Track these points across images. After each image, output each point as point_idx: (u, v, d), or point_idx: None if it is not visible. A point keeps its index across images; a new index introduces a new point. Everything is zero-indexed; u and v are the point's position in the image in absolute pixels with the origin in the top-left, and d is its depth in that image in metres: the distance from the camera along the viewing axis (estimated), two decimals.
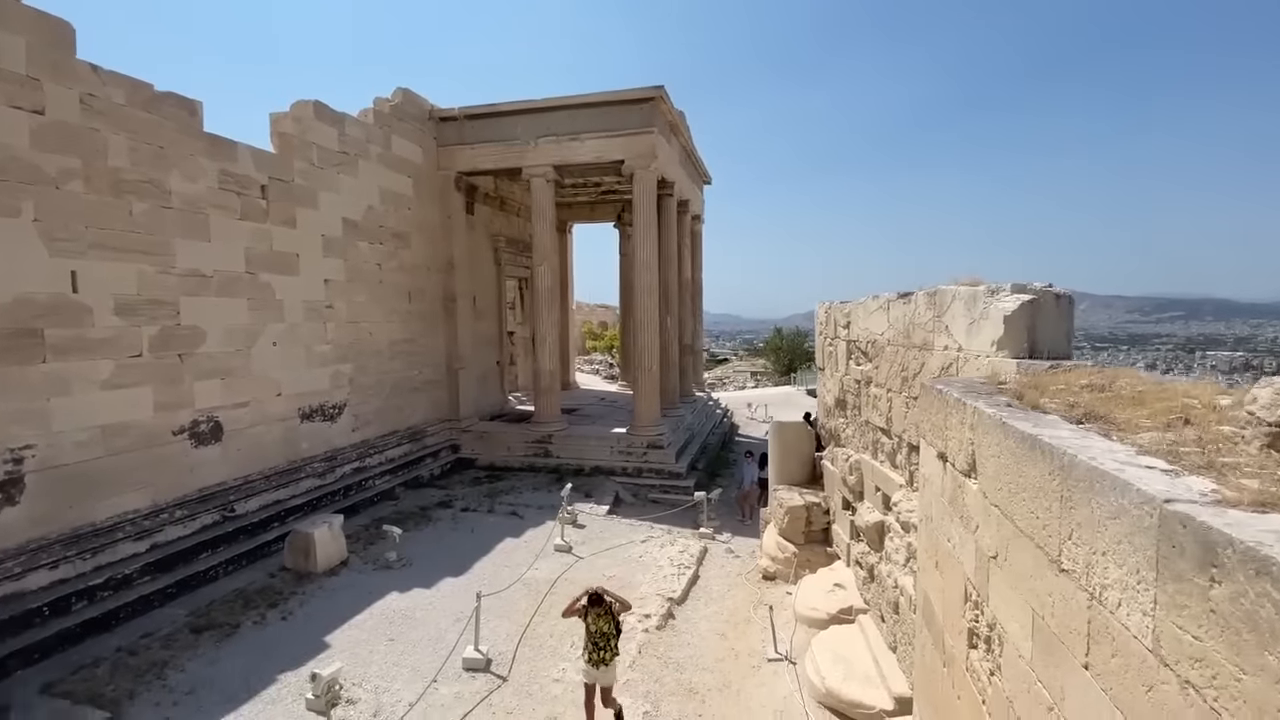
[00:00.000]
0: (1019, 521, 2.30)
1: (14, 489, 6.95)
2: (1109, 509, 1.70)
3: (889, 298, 6.63)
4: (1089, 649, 1.83)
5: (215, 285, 9.42)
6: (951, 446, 3.12)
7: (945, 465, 3.25)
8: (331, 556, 9.00)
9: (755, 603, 8.36)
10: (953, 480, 3.11)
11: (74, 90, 7.44)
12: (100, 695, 5.96)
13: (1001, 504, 2.46)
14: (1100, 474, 1.74)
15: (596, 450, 14.10)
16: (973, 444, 2.80)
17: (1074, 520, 1.90)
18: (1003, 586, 2.48)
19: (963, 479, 2.96)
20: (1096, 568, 1.78)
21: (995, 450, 2.52)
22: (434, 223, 14.75)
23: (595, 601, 5.60)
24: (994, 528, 2.54)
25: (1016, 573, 2.34)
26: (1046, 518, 2.08)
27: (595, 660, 5.50)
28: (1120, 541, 1.65)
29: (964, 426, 2.90)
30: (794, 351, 37.02)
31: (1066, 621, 1.96)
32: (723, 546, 10.61)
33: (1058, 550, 2.02)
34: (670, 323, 16.43)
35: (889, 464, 6.87)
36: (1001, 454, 2.45)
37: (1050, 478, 2.04)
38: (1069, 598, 1.94)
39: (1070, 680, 1.96)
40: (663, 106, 13.86)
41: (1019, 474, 2.29)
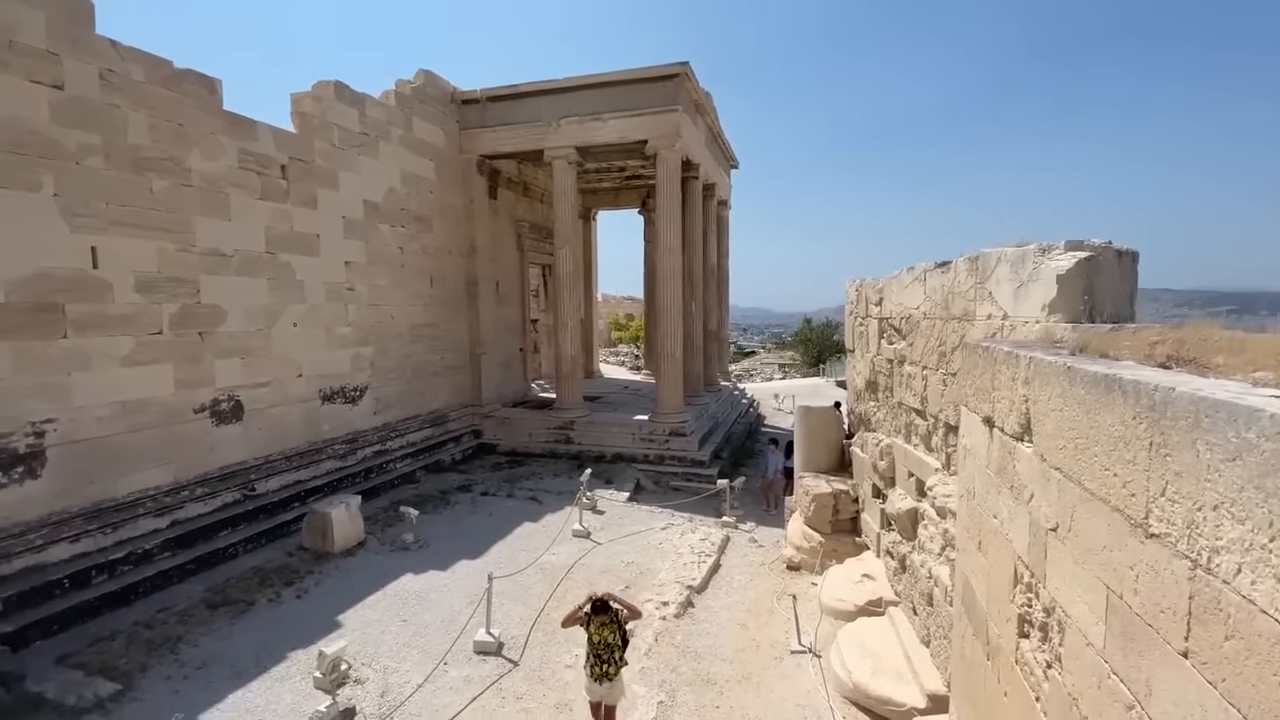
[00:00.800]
0: (1089, 483, 1.94)
1: (36, 462, 6.99)
2: (1225, 449, 1.34)
3: (925, 268, 6.19)
4: (1189, 631, 1.48)
5: (235, 264, 9.40)
6: (1000, 409, 2.75)
7: (992, 431, 2.87)
8: (349, 537, 8.93)
9: (778, 593, 8.01)
10: (1001, 447, 2.74)
11: (93, 66, 7.42)
12: (113, 668, 5.94)
13: (1065, 465, 2.10)
14: (1213, 405, 1.38)
15: (618, 437, 13.85)
16: (1027, 401, 2.43)
17: (1169, 471, 1.54)
18: (1065, 563, 2.12)
19: (1014, 444, 2.59)
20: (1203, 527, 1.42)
21: (1057, 403, 2.16)
22: (456, 206, 14.63)
23: (600, 608, 4.93)
24: (1054, 495, 2.18)
25: (1084, 545, 1.98)
26: (1128, 473, 1.72)
27: (599, 675, 4.88)
28: (1242, 489, 1.30)
29: (1016, 382, 2.53)
30: (823, 343, 36.25)
31: (1156, 599, 1.61)
32: (746, 536, 10.27)
33: (1144, 511, 1.66)
34: (695, 309, 16.06)
35: (923, 447, 6.44)
36: (1065, 406, 2.09)
37: (1135, 422, 1.68)
38: (1161, 568, 1.58)
39: (1160, 672, 1.60)
40: (687, 84, 13.46)
41: (1090, 425, 1.93)
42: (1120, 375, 1.76)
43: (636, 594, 7.82)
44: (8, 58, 6.54)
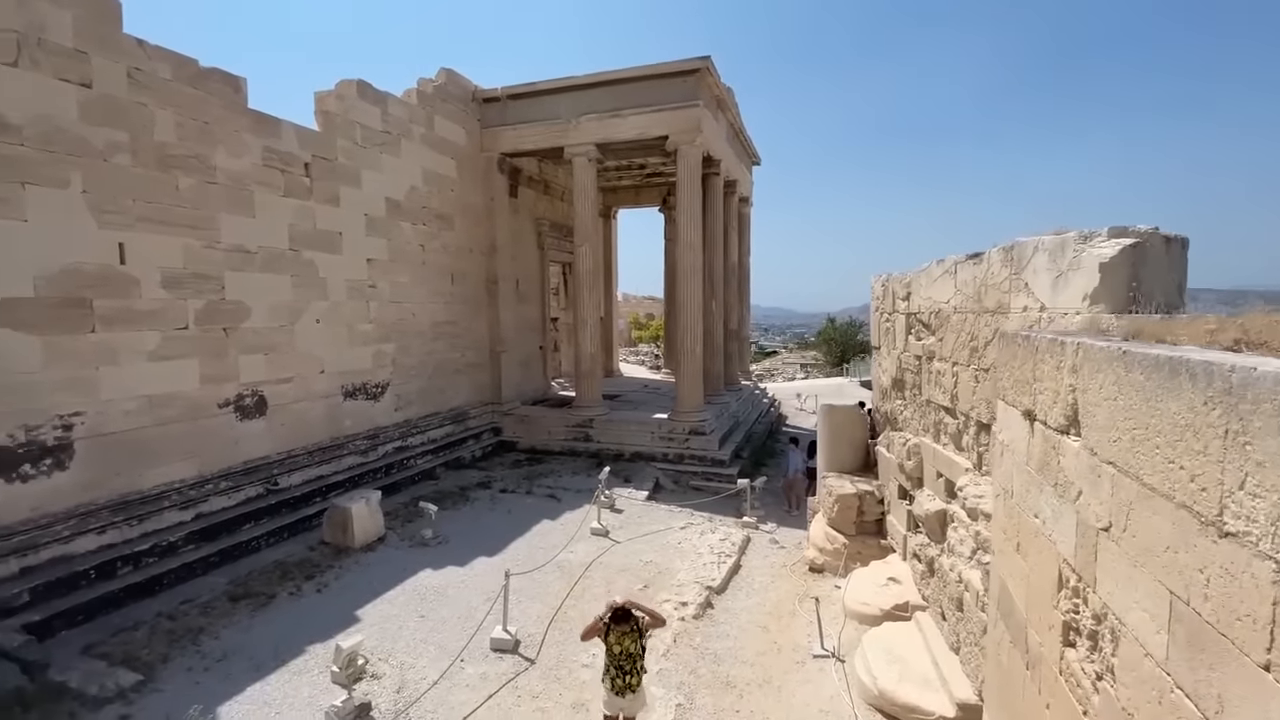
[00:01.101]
0: (1149, 477, 1.77)
1: (64, 454, 7.11)
2: None
3: (956, 260, 5.96)
4: (1273, 642, 1.31)
5: (259, 261, 9.49)
6: (1043, 401, 2.57)
7: (1033, 425, 2.69)
8: (369, 532, 8.95)
9: (800, 595, 7.82)
10: (1044, 442, 2.56)
11: (121, 64, 7.53)
12: (136, 658, 5.99)
13: (1119, 459, 1.93)
14: None
15: (637, 435, 13.74)
16: (1074, 391, 2.26)
17: (1249, 461, 1.37)
18: (1119, 565, 1.94)
19: (1059, 438, 2.41)
20: None
21: (1110, 391, 1.98)
22: (477, 205, 14.66)
23: (621, 617, 4.64)
24: (1106, 491, 2.01)
25: (1143, 545, 1.81)
26: (1198, 465, 1.55)
27: (620, 687, 4.58)
28: None
29: (1061, 372, 2.35)
30: (847, 343, 35.72)
31: (1232, 605, 1.44)
32: (767, 536, 10.08)
33: (1217, 507, 1.49)
34: (715, 307, 15.88)
35: (953, 446, 6.21)
36: (1120, 394, 1.91)
37: (1206, 408, 1.51)
38: (1238, 571, 1.41)
39: (1235, 687, 1.43)
40: (709, 79, 13.30)
41: (1150, 414, 1.75)
42: (1187, 357, 1.59)
43: (655, 594, 7.70)
44: (37, 56, 6.66)
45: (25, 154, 6.62)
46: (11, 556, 6.44)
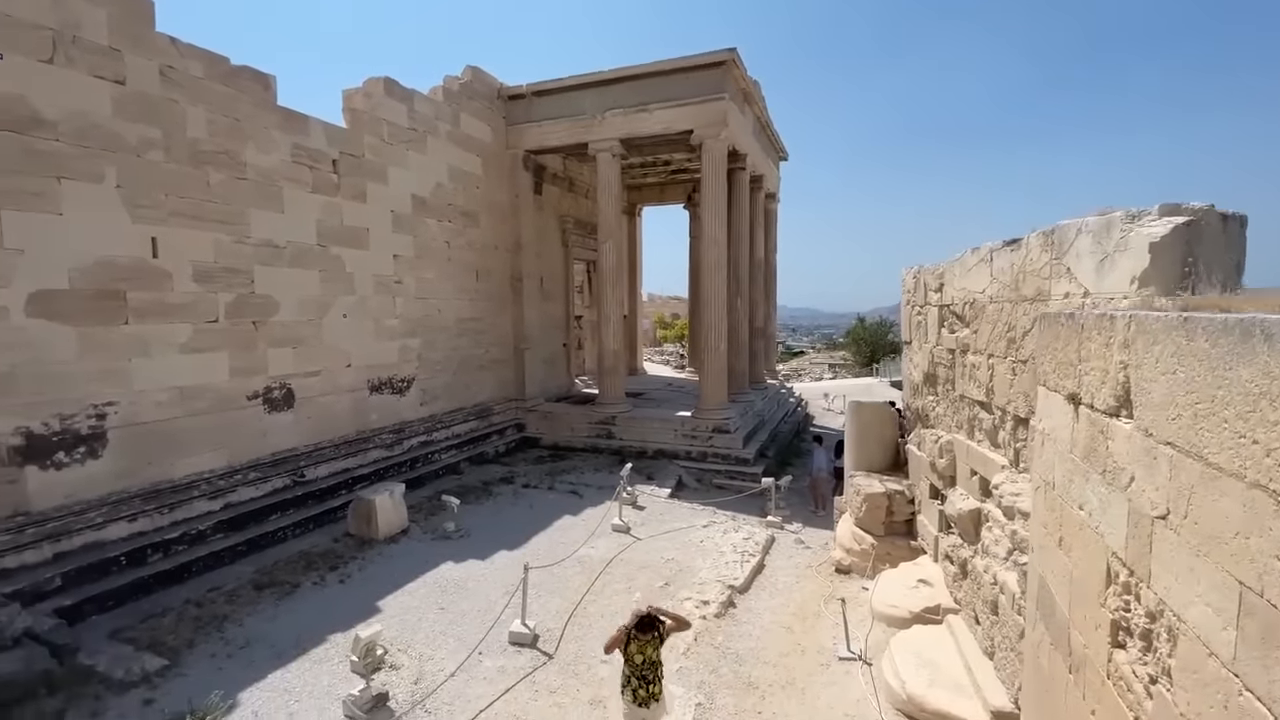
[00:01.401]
0: (1214, 456, 1.58)
1: (97, 443, 7.28)
2: None
3: (992, 247, 5.70)
4: None
5: (288, 256, 9.63)
6: (1089, 382, 2.37)
7: (1077, 410, 2.49)
8: (393, 524, 9.00)
9: (826, 596, 7.60)
10: (1090, 426, 2.36)
11: (154, 62, 7.69)
12: (162, 643, 6.08)
13: (1179, 438, 1.74)
14: None
15: (660, 433, 13.60)
16: (1125, 368, 2.06)
17: None
18: (1178, 556, 1.75)
19: (1107, 421, 2.21)
20: None
21: (1168, 364, 1.79)
22: (502, 202, 14.71)
23: (646, 626, 4.39)
24: (1163, 475, 1.82)
25: (1206, 532, 1.62)
26: (1275, 437, 1.37)
27: (643, 698, 4.34)
28: None
29: (1111, 348, 2.16)
30: (877, 342, 35.00)
31: None
32: (792, 536, 9.85)
33: None
34: (740, 303, 15.65)
35: (988, 443, 5.94)
36: (1180, 365, 1.73)
37: None
38: None
39: None
40: (735, 72, 13.11)
41: (1216, 385, 1.57)
42: (1263, 317, 1.41)
43: (675, 591, 7.57)
44: (72, 54, 6.83)
45: (61, 149, 6.80)
46: (45, 542, 6.60)
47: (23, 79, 6.42)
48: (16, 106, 6.39)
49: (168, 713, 5.05)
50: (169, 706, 5.13)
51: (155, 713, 5.09)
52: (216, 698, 5.14)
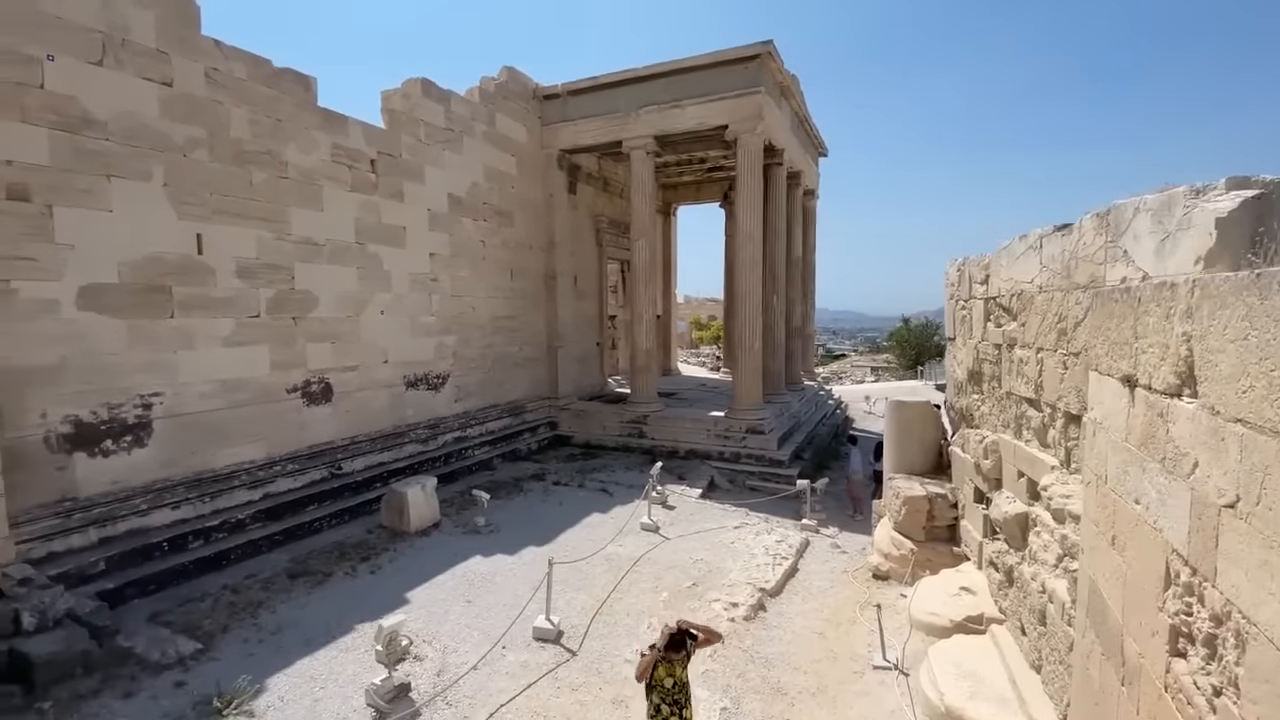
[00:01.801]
0: None
1: (143, 432, 7.55)
2: None
3: (1041, 233, 5.35)
4: None
5: (327, 253, 9.85)
6: (1147, 361, 2.12)
7: (1133, 393, 2.24)
8: (424, 517, 9.08)
9: (862, 603, 7.28)
10: (1147, 410, 2.11)
11: (199, 64, 7.97)
12: (198, 628, 6.23)
13: (1251, 412, 1.51)
14: None
15: (692, 433, 13.40)
16: (1189, 340, 1.82)
17: None
18: (1250, 549, 1.52)
19: (1167, 402, 1.97)
20: None
21: (1238, 329, 1.56)
22: (536, 201, 14.79)
23: (677, 644, 3.99)
24: (1232, 457, 1.59)
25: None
26: None
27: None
28: None
29: (1172, 320, 1.92)
30: (922, 344, 33.89)
31: None
32: (827, 541, 9.53)
33: None
34: (776, 301, 15.33)
35: (1036, 442, 5.57)
36: (1253, 329, 1.50)
37: None
38: None
39: None
40: (771, 65, 12.85)
41: None
42: None
43: (703, 592, 7.39)
44: (122, 56, 7.12)
45: (110, 148, 7.09)
46: (91, 527, 6.87)
47: (74, 80, 6.73)
48: (68, 107, 6.69)
49: (197, 695, 5.15)
50: (199, 689, 5.23)
51: (185, 695, 5.19)
52: (244, 682, 5.22)
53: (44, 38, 6.48)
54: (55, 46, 6.56)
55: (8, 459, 6.29)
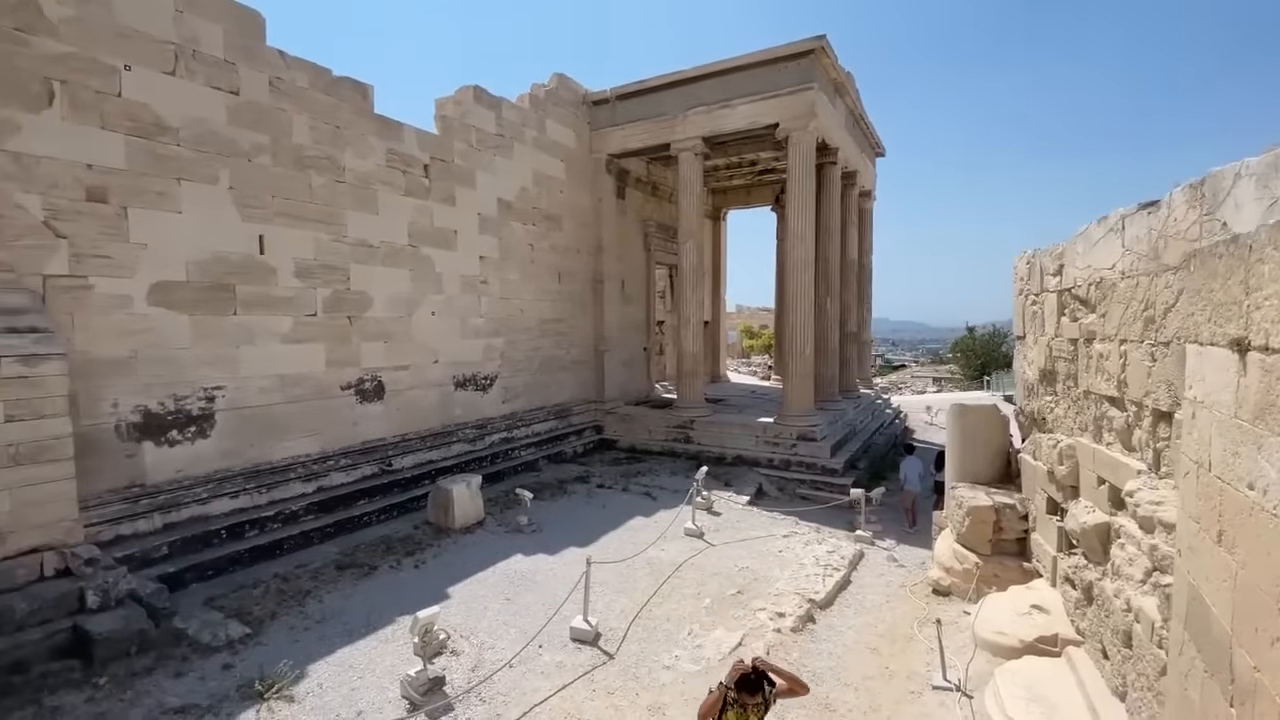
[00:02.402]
0: None
1: (206, 424, 7.88)
2: None
3: (1124, 213, 4.86)
4: None
5: (381, 255, 10.12)
6: (1262, 318, 1.79)
7: (1244, 360, 1.90)
8: (469, 514, 9.11)
9: (921, 619, 6.80)
10: (1264, 376, 1.78)
11: (264, 74, 8.35)
12: (248, 613, 6.39)
13: None
14: None
15: (740, 439, 13.04)
16: None
17: None
18: None
19: None
20: None
21: None
22: (584, 206, 14.85)
23: (750, 686, 3.34)
24: None
25: None
26: None
27: None
28: None
29: None
30: (988, 353, 32.13)
31: None
32: (884, 553, 9.02)
33: None
34: (830, 305, 14.81)
35: (1119, 445, 5.05)
36: None
37: None
38: None
39: None
40: (824, 60, 12.50)
41: None
42: None
43: (748, 601, 7.07)
44: (192, 66, 7.52)
45: (181, 153, 7.48)
46: (156, 513, 7.18)
47: (148, 89, 7.14)
48: (143, 114, 7.10)
49: (242, 678, 5.23)
50: (244, 672, 5.33)
51: (231, 677, 5.29)
52: (286, 668, 5.28)
53: (122, 49, 6.91)
54: (132, 57, 6.99)
55: (82, 445, 6.64)
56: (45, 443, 5.81)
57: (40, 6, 6.25)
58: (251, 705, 4.93)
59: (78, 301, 6.68)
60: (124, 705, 4.87)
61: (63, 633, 5.47)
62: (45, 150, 6.36)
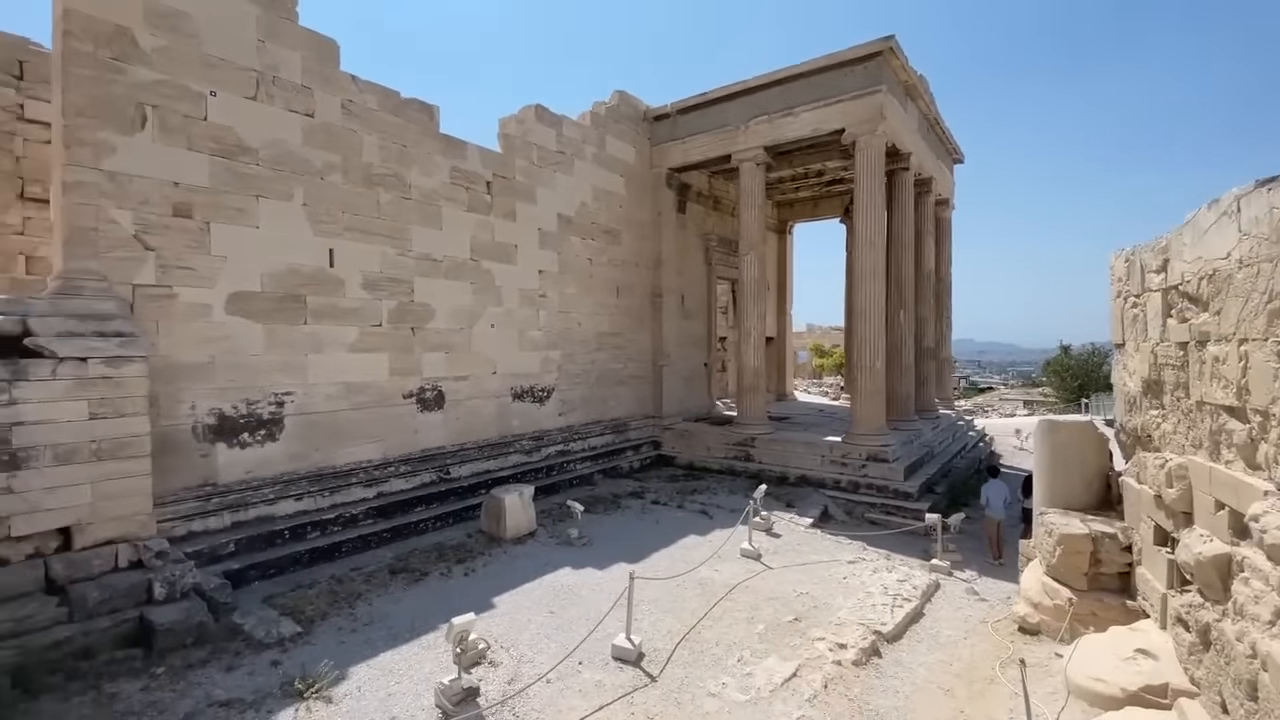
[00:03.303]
0: None
1: (276, 428, 8.24)
2: None
3: (1239, 193, 4.19)
4: None
5: (444, 269, 10.41)
6: None
7: None
8: (520, 525, 9.06)
9: (1004, 659, 6.07)
10: None
11: (337, 97, 8.83)
12: (301, 612, 6.52)
13: None
14: None
15: (804, 458, 12.40)
16: None
17: None
18: None
19: None
20: None
21: None
22: (644, 220, 14.83)
23: None
24: None
25: None
26: None
27: None
28: None
29: None
30: (1087, 374, 29.48)
31: None
32: (963, 585, 8.21)
33: None
34: (904, 318, 13.98)
35: (1241, 463, 4.30)
36: None
37: None
38: None
39: None
40: (894, 62, 11.97)
41: None
42: None
43: (806, 629, 6.56)
44: (272, 91, 8.04)
45: (260, 172, 7.97)
46: (226, 511, 7.52)
47: (231, 113, 7.68)
48: (226, 136, 7.63)
49: (286, 675, 5.29)
50: (289, 671, 5.39)
51: (277, 674, 5.37)
52: (326, 668, 5.30)
53: (209, 76, 7.47)
54: (217, 84, 7.54)
55: (160, 444, 7.08)
56: (125, 439, 6.20)
57: (135, 38, 6.86)
58: (291, 704, 4.96)
59: (163, 309, 7.17)
60: (175, 696, 5.01)
61: (129, 622, 5.74)
62: (137, 169, 6.92)
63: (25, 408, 5.61)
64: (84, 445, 5.93)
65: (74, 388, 5.89)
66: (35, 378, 5.70)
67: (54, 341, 5.86)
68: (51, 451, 5.75)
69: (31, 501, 5.63)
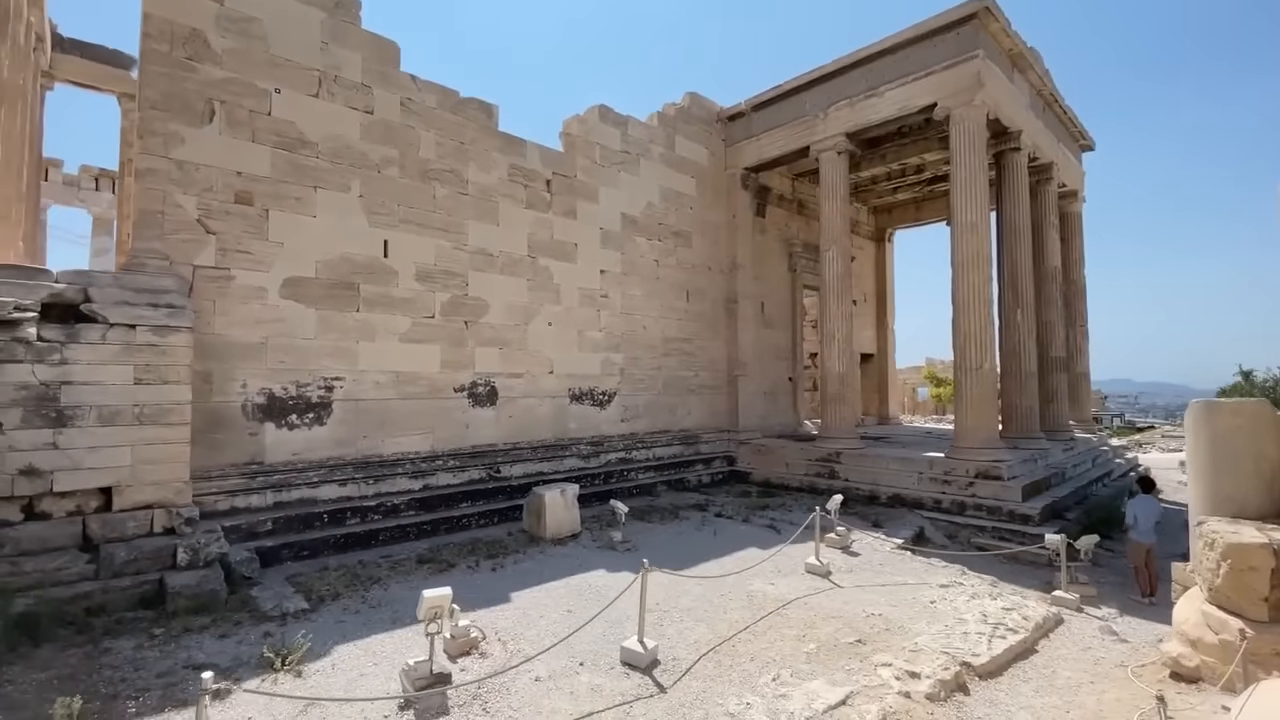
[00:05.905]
0: None
1: (324, 412, 8.31)
2: None
3: None
4: None
5: (500, 264, 10.33)
6: None
7: None
8: (561, 525, 8.46)
9: (1144, 710, 4.49)
10: None
11: (396, 95, 9.12)
12: (314, 591, 6.28)
13: None
14: None
15: (898, 475, 10.79)
16: None
17: None
18: None
19: None
20: None
21: None
22: (717, 223, 14.16)
23: None
24: None
25: None
26: None
27: None
28: None
29: None
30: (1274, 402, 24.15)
31: None
32: (1096, 623, 6.48)
33: None
34: (1021, 319, 12.04)
35: None
36: None
37: None
38: None
39: None
40: (992, 25, 10.63)
41: None
42: None
43: (870, 653, 5.31)
44: (333, 89, 8.43)
45: (319, 164, 8.30)
46: (269, 490, 7.58)
47: (294, 109, 8.08)
48: (288, 130, 8.02)
49: (273, 648, 4.94)
50: (278, 644, 5.03)
51: (265, 645, 5.01)
52: (302, 641, 4.91)
53: (274, 75, 7.94)
54: (282, 82, 7.99)
55: (212, 420, 7.30)
56: (167, 406, 6.37)
57: (208, 39, 7.42)
58: (260, 674, 4.58)
59: (220, 290, 7.50)
60: (159, 656, 4.82)
61: (150, 585, 5.74)
62: (203, 159, 7.38)
63: (74, 368, 5.89)
64: (127, 408, 6.14)
65: (121, 352, 6.15)
66: (85, 340, 6.00)
67: (108, 309, 6.19)
68: (96, 412, 5.98)
69: (74, 459, 5.85)
